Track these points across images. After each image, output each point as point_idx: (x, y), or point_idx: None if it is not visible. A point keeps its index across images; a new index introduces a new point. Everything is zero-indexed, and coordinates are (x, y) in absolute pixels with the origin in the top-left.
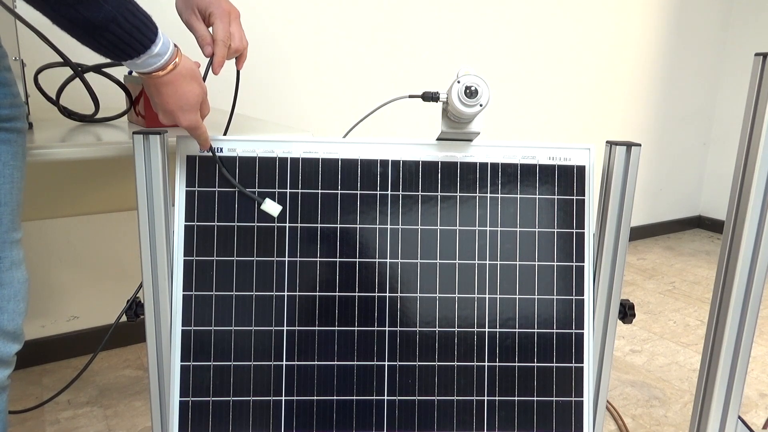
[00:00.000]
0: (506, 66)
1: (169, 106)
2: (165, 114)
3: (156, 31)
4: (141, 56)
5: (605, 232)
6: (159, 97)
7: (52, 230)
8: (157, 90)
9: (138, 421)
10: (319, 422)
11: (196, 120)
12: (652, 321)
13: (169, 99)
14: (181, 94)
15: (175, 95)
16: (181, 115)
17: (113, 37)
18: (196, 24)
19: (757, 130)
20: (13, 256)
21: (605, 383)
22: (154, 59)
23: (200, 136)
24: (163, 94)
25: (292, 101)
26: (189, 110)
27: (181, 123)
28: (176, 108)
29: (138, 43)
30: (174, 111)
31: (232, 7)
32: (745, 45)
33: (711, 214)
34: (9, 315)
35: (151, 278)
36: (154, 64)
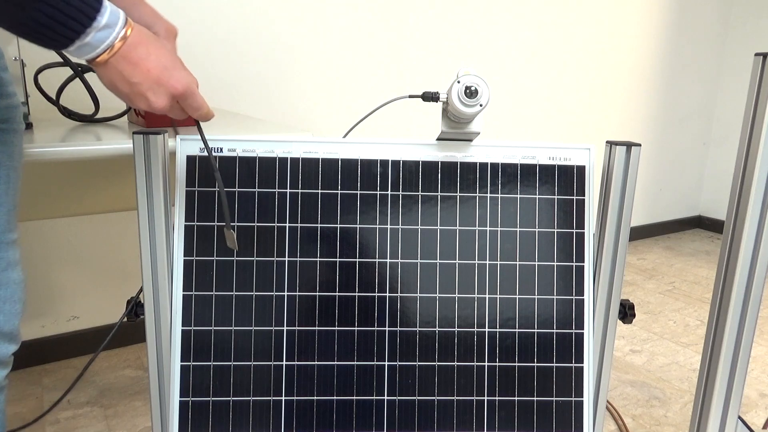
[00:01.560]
0: (506, 66)
1: (152, 72)
2: (153, 88)
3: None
4: (87, 32)
5: (605, 232)
6: (135, 69)
7: (52, 230)
8: (127, 62)
9: (138, 421)
10: (319, 422)
11: (190, 79)
12: (652, 321)
13: (148, 63)
14: (157, 53)
15: (151, 56)
16: (172, 73)
17: (49, 10)
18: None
19: (757, 130)
20: (9, 257)
21: (605, 383)
22: (104, 32)
23: (200, 105)
24: (138, 62)
25: (292, 101)
26: (178, 66)
27: (177, 85)
28: (161, 69)
29: (80, 12)
30: (161, 75)
31: (171, 24)
32: (745, 45)
33: (711, 214)
34: (5, 316)
35: (151, 278)
36: (107, 39)
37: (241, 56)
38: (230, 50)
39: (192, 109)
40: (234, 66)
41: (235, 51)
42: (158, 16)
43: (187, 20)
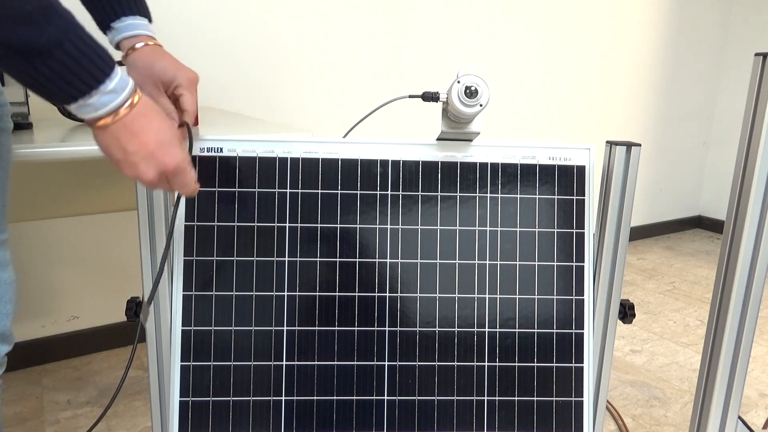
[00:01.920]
0: (506, 66)
1: (149, 145)
2: (147, 159)
3: (112, 63)
4: (92, 93)
5: (605, 232)
6: (133, 139)
7: (52, 230)
8: (127, 131)
9: (138, 421)
10: (319, 422)
11: (183, 156)
12: (652, 321)
13: (148, 135)
14: (158, 126)
15: (152, 128)
16: (167, 150)
17: (58, 67)
18: (160, 99)
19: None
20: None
21: (605, 383)
22: (109, 96)
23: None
24: (138, 133)
25: (292, 101)
26: (174, 143)
27: (170, 162)
28: (158, 144)
29: (89, 74)
30: (156, 149)
31: (192, 72)
32: (745, 45)
33: (711, 214)
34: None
35: (152, 278)
36: (110, 103)
37: (241, 56)
38: (230, 50)
39: (179, 186)
40: (234, 66)
41: (235, 51)
42: (180, 67)
43: (186, 20)
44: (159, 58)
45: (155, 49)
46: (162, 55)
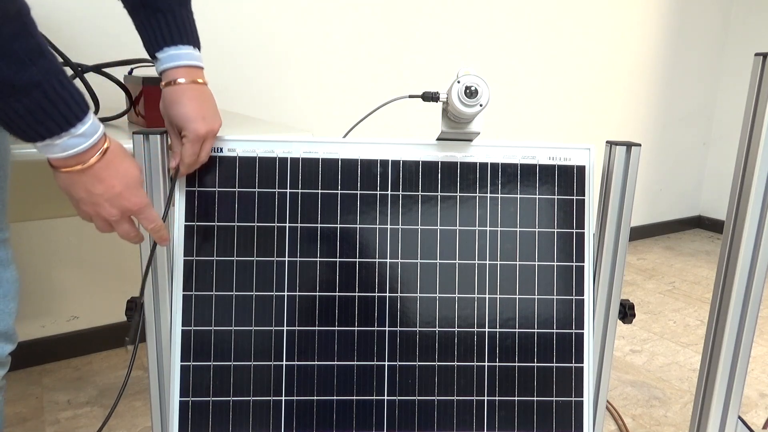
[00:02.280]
0: (506, 66)
1: (116, 188)
2: (112, 200)
3: (86, 108)
4: (61, 135)
5: (605, 232)
6: (100, 184)
7: (52, 230)
8: (95, 178)
9: (138, 421)
10: (319, 422)
11: (147, 201)
12: (652, 321)
13: (115, 179)
14: (125, 171)
15: (119, 172)
16: (134, 191)
17: (32, 106)
18: (173, 138)
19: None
20: (1, 257)
21: (605, 383)
22: (77, 140)
23: (155, 218)
24: (105, 178)
25: (292, 101)
26: (138, 187)
27: (136, 202)
28: (125, 187)
29: (61, 116)
30: (123, 192)
31: (204, 127)
32: (745, 45)
33: (711, 214)
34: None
35: (151, 278)
36: (76, 147)
37: (241, 56)
38: (230, 50)
39: (147, 222)
40: (234, 66)
41: (236, 51)
42: (195, 119)
43: None
44: (184, 102)
45: (186, 91)
46: (189, 99)
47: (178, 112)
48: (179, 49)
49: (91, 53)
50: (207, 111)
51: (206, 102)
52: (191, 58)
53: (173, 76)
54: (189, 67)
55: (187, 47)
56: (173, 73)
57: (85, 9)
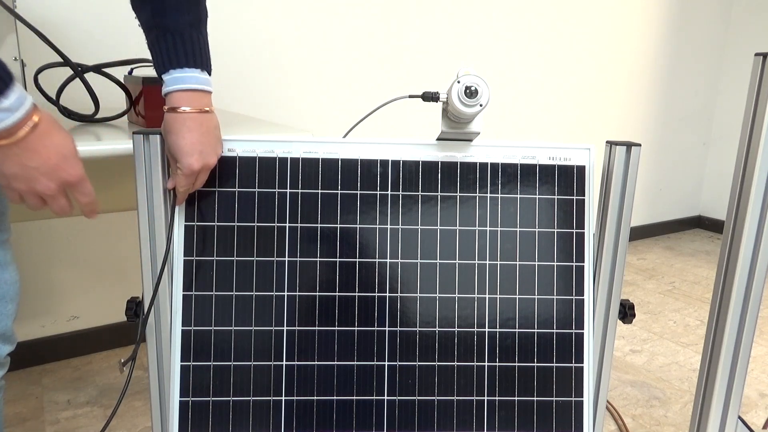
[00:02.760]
0: (506, 66)
1: (52, 160)
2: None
3: (9, 82)
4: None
5: (605, 232)
6: (35, 156)
7: (52, 230)
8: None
9: (138, 421)
10: (319, 422)
11: (83, 172)
12: (652, 321)
13: (50, 151)
14: (60, 142)
15: (54, 144)
16: (72, 162)
17: None
18: (170, 158)
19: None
20: (0, 258)
21: (605, 383)
22: (3, 114)
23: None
24: (40, 150)
25: (292, 101)
26: (75, 157)
27: (74, 173)
28: (62, 158)
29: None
30: (60, 163)
31: (205, 161)
32: (745, 45)
33: (711, 214)
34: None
35: (151, 278)
36: (2, 121)
37: (241, 56)
38: (230, 50)
39: (83, 195)
40: (234, 66)
41: (235, 51)
42: (189, 153)
43: None
44: (182, 134)
45: (186, 121)
46: (188, 131)
47: (175, 143)
48: (185, 72)
49: (91, 53)
50: (205, 144)
51: (206, 134)
52: (197, 81)
53: (177, 101)
54: (194, 91)
55: (194, 70)
56: (177, 98)
57: (85, 9)
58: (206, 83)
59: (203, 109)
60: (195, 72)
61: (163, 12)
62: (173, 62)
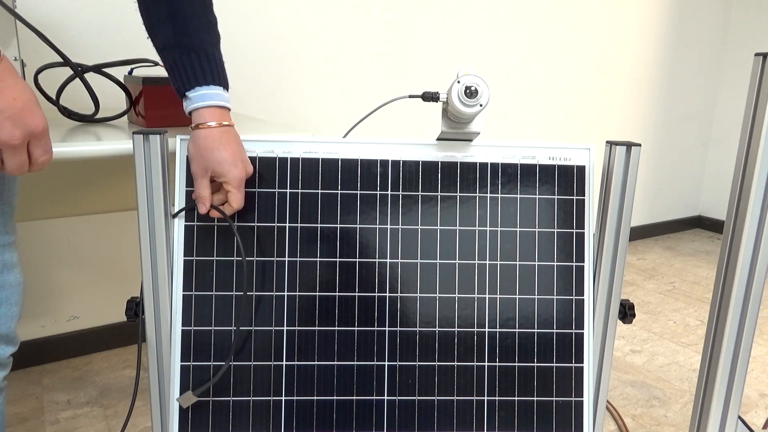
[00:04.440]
0: (506, 66)
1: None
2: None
3: None
4: None
5: (605, 232)
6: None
7: (52, 230)
8: None
9: (138, 421)
10: (319, 422)
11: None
12: (652, 321)
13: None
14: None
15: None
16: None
17: None
18: (200, 181)
19: (757, 130)
20: (5, 260)
21: (605, 383)
22: None
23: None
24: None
25: (292, 101)
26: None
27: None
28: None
29: None
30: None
31: (243, 171)
32: (745, 45)
33: (711, 214)
34: (2, 319)
35: (151, 278)
36: None
37: (240, 56)
38: (230, 50)
39: (44, 151)
40: (234, 66)
41: (235, 51)
42: (236, 163)
43: None
44: (222, 148)
45: (223, 134)
46: (227, 144)
47: (220, 157)
48: (210, 89)
49: (91, 53)
50: (243, 154)
51: (239, 145)
52: (221, 98)
53: (204, 117)
54: (219, 107)
55: (218, 88)
56: (204, 114)
57: (85, 9)
58: (228, 101)
59: (231, 123)
60: (219, 89)
61: (187, 32)
62: (199, 80)
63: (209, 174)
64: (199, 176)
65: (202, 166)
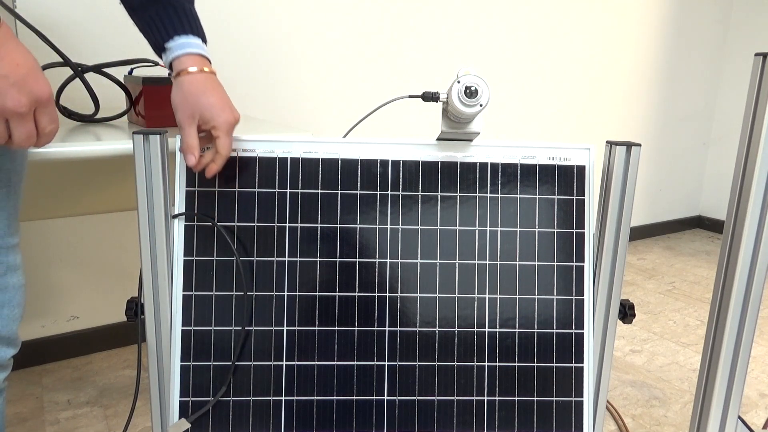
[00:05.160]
0: (506, 66)
1: (21, 68)
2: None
3: None
4: None
5: (605, 232)
6: (1, 62)
7: (52, 230)
8: None
9: (138, 421)
10: (319, 422)
11: (51, 89)
12: (652, 321)
13: (18, 58)
14: (24, 54)
15: (20, 53)
16: (40, 76)
17: None
18: (187, 130)
19: (757, 130)
20: (9, 261)
21: (605, 383)
22: None
23: (56, 126)
24: (5, 55)
25: (292, 101)
26: (42, 73)
27: (44, 89)
28: (31, 69)
29: None
30: (29, 74)
31: (233, 116)
32: (745, 45)
33: (711, 214)
34: (4, 321)
35: (151, 278)
36: None
37: (240, 56)
38: (230, 50)
39: (51, 120)
40: (234, 66)
41: (235, 51)
42: (224, 108)
43: None
44: (208, 93)
45: (207, 80)
46: (212, 90)
47: (207, 103)
48: (189, 38)
49: (91, 53)
50: (229, 101)
51: (224, 91)
52: (201, 48)
53: (186, 63)
54: (199, 56)
55: (197, 38)
56: (185, 61)
57: (85, 9)
58: (207, 52)
59: (213, 71)
60: (198, 40)
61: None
62: (178, 30)
63: (197, 121)
64: (186, 124)
65: (189, 113)
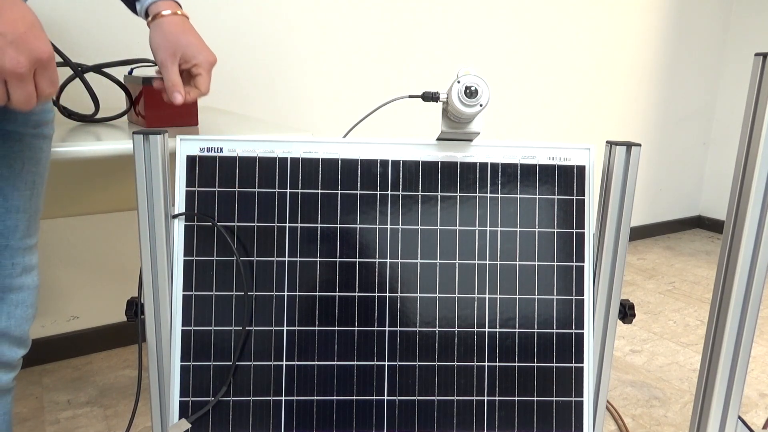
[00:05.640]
0: (506, 66)
1: (19, 27)
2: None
3: None
4: None
5: (605, 232)
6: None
7: (52, 230)
8: None
9: (138, 421)
10: (319, 422)
11: (52, 49)
12: (652, 321)
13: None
14: (24, 11)
15: (19, 10)
16: (40, 34)
17: None
18: (171, 68)
19: (757, 130)
20: (26, 262)
21: (605, 383)
22: None
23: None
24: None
25: (292, 101)
26: (43, 31)
27: (44, 49)
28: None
29: None
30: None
31: (213, 55)
32: (745, 45)
33: (711, 214)
34: (16, 321)
35: (151, 278)
36: None
37: (240, 56)
38: (230, 50)
39: (49, 82)
40: (234, 66)
41: (235, 51)
42: (203, 48)
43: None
44: (187, 32)
45: (184, 21)
46: (190, 30)
47: (187, 42)
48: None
49: (91, 53)
50: (205, 43)
51: (199, 34)
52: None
53: (162, 7)
54: (176, 3)
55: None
56: (161, 5)
57: (85, 9)
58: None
59: (188, 16)
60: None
61: None
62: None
63: (178, 59)
64: (169, 63)
65: (171, 52)
